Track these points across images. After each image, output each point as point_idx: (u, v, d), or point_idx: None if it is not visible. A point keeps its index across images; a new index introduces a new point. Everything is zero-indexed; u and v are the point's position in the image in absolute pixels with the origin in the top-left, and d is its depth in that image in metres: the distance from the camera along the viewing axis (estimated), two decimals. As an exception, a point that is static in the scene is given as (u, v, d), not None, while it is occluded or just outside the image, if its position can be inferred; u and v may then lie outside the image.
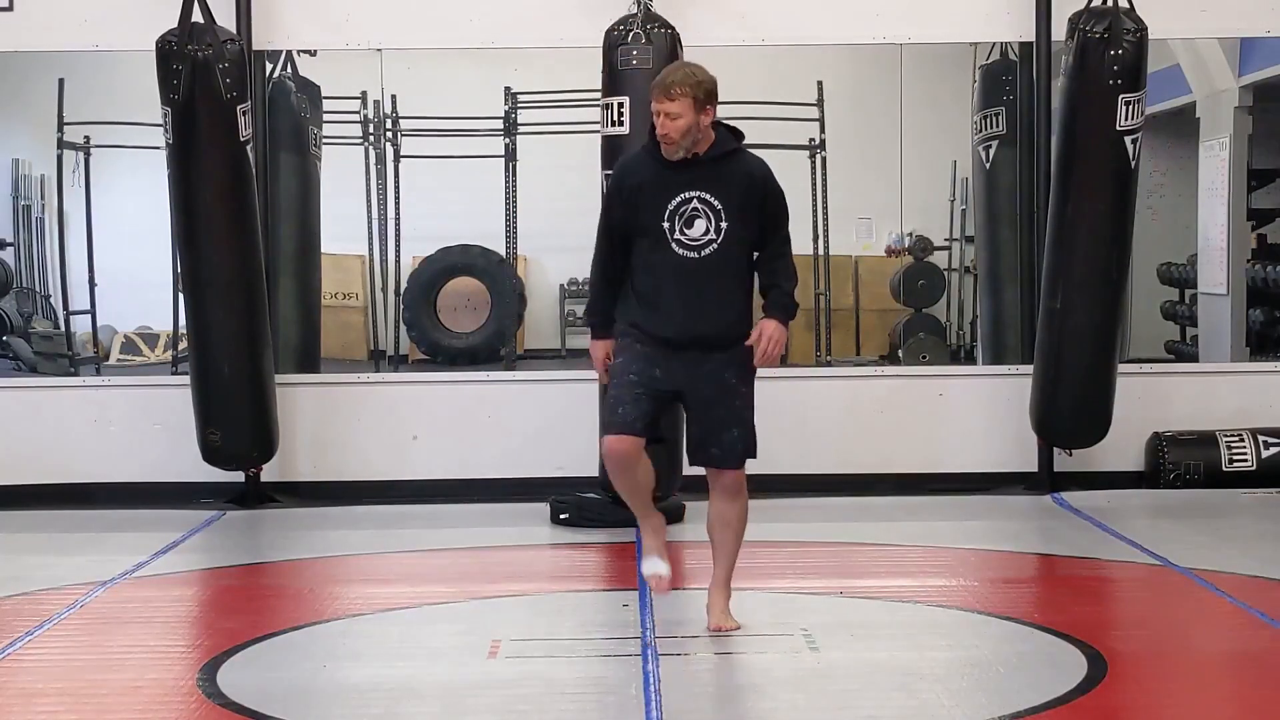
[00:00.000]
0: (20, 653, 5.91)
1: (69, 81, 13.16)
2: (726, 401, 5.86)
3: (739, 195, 5.79)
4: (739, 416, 5.90)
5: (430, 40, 9.46)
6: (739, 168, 5.86)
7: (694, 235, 5.76)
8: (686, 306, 5.77)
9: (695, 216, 5.76)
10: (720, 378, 5.85)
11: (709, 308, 5.79)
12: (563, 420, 9.15)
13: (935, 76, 12.92)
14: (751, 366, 5.92)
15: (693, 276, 5.77)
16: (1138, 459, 9.39)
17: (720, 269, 5.79)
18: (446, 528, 8.34)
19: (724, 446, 5.90)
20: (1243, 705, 5.40)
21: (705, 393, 5.85)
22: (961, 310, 14.54)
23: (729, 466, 5.94)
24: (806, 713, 5.13)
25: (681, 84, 5.70)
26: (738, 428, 5.90)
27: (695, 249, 5.77)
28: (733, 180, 5.80)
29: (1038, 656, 5.75)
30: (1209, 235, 12.29)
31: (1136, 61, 8.57)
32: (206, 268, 8.70)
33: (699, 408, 5.88)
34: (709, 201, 5.76)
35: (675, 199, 5.76)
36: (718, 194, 5.76)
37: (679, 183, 5.77)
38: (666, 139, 5.74)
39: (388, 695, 5.42)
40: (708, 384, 5.84)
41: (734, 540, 6.04)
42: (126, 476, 9.27)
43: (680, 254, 5.77)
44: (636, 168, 5.89)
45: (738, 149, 5.88)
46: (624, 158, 5.99)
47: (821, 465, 9.39)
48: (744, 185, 5.82)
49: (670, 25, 8.49)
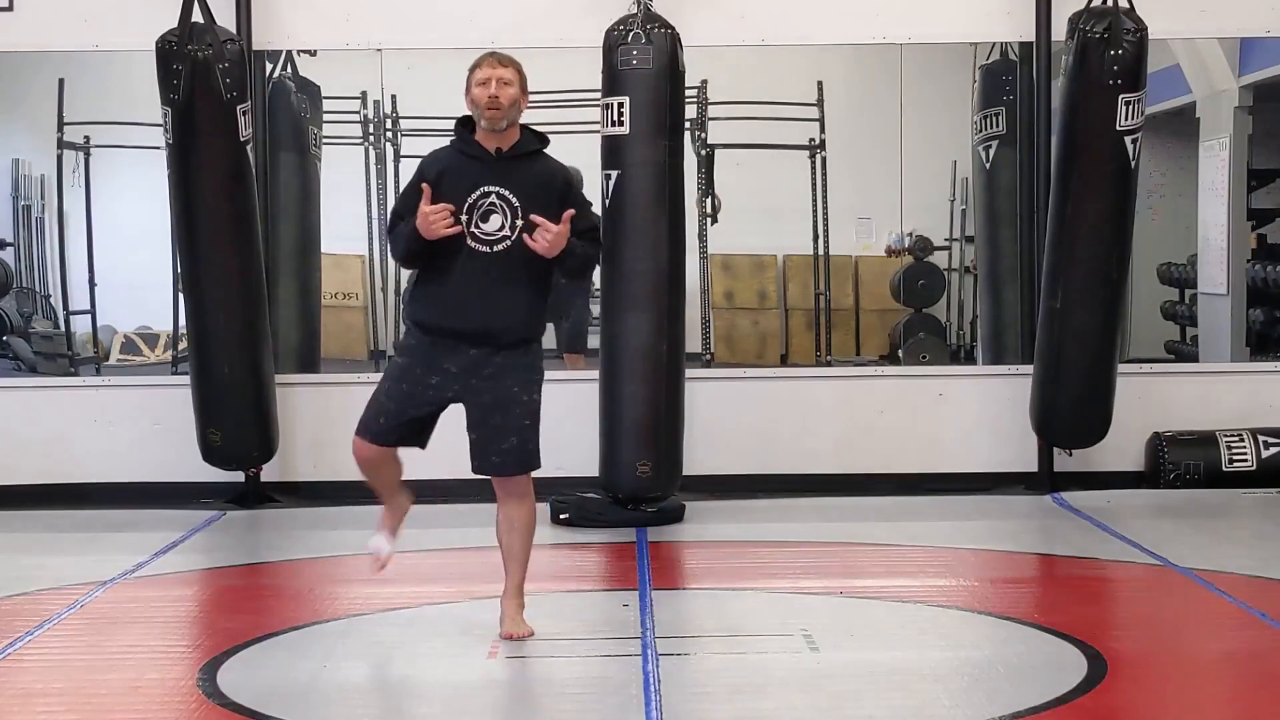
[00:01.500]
0: (20, 653, 5.92)
1: (69, 81, 13.15)
2: (506, 409, 5.83)
3: (538, 193, 5.79)
4: (518, 425, 5.85)
5: (430, 40, 9.46)
6: (542, 168, 5.87)
7: (489, 230, 5.76)
8: (477, 300, 5.75)
9: (492, 211, 5.75)
10: (502, 384, 5.82)
11: (499, 304, 5.77)
12: (563, 420, 9.11)
13: (935, 76, 12.91)
14: (537, 376, 5.91)
15: (485, 272, 5.75)
16: (1138, 459, 9.39)
17: (513, 266, 5.77)
18: (446, 528, 8.34)
19: (503, 454, 5.86)
20: (1243, 705, 5.40)
21: (485, 399, 5.82)
22: (961, 310, 14.52)
23: (509, 474, 5.89)
24: (806, 713, 5.13)
25: (510, 59, 5.82)
26: (516, 436, 5.85)
27: (489, 244, 5.76)
28: (533, 178, 5.81)
29: (1038, 656, 5.75)
30: (1209, 235, 12.28)
31: (1136, 61, 8.57)
32: (206, 268, 8.70)
33: (478, 414, 5.85)
34: (506, 197, 5.75)
35: (474, 193, 5.75)
36: (516, 191, 5.76)
37: (479, 177, 5.76)
38: (496, 104, 5.72)
39: (388, 695, 5.43)
40: (488, 390, 5.81)
41: (522, 544, 5.98)
42: (126, 476, 9.27)
43: (474, 248, 5.76)
44: (440, 159, 5.89)
45: (540, 150, 5.90)
46: (429, 154, 5.98)
47: (821, 465, 9.39)
48: (543, 183, 5.83)
49: (670, 25, 8.49)
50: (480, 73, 5.79)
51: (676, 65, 8.48)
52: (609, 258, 8.56)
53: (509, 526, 5.98)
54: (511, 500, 5.95)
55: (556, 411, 9.17)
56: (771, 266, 15.94)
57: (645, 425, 8.46)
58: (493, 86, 5.74)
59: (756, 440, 9.41)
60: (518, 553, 5.98)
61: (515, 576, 6.00)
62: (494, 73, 5.76)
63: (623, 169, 8.43)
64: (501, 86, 5.74)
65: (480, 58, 5.86)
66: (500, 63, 5.80)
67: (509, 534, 5.98)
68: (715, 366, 12.68)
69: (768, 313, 15.81)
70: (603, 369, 8.63)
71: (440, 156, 5.92)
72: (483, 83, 5.76)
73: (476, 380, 5.82)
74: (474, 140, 5.84)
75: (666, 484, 8.55)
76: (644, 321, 8.43)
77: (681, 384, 8.62)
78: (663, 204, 8.44)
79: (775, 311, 15.83)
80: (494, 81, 5.74)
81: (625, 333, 8.48)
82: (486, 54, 5.88)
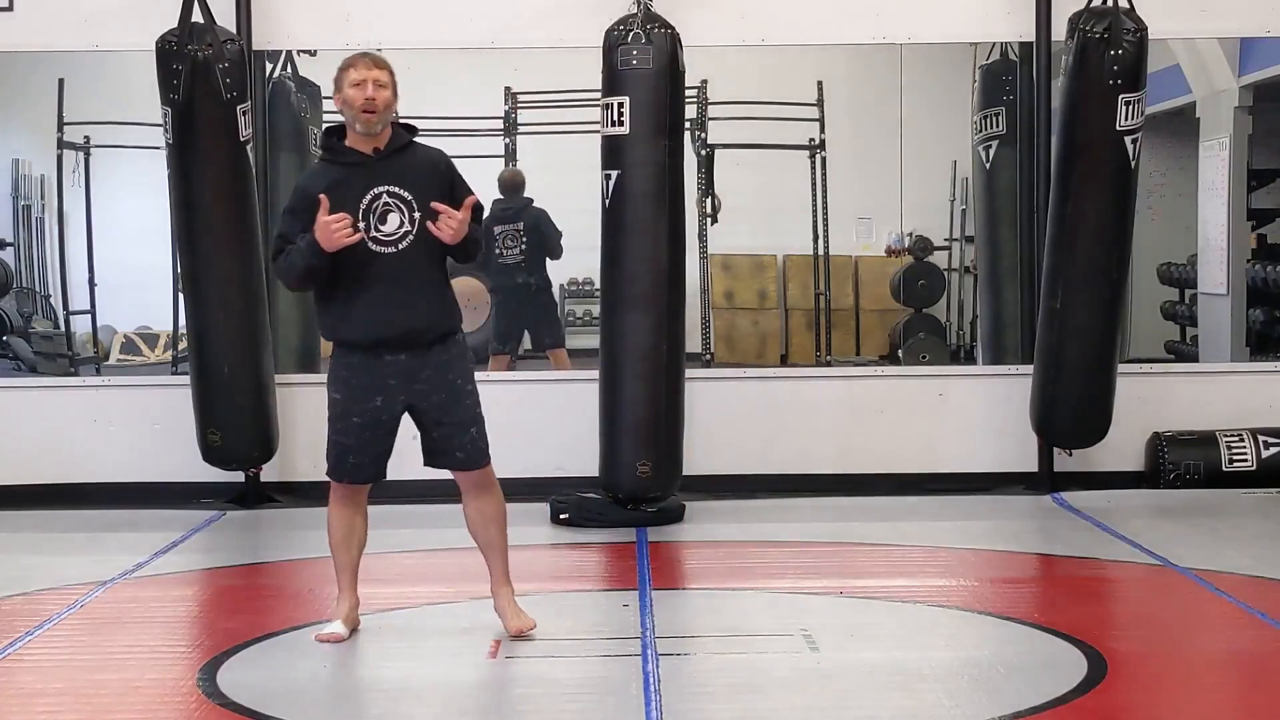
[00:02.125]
0: (20, 653, 5.91)
1: (69, 81, 13.16)
2: (458, 403, 5.84)
3: (426, 183, 5.77)
4: (472, 416, 5.87)
5: (430, 40, 9.45)
6: (420, 157, 5.85)
7: (389, 230, 5.73)
8: (392, 303, 5.72)
9: (388, 211, 5.72)
10: (445, 381, 5.82)
11: (415, 300, 5.75)
12: (563, 420, 9.16)
13: (935, 76, 12.94)
14: (470, 365, 5.93)
15: (394, 272, 5.72)
16: (1138, 459, 9.39)
17: (420, 260, 5.75)
18: (446, 528, 8.31)
19: (466, 449, 5.87)
20: (1243, 705, 5.40)
21: (433, 399, 5.82)
22: (961, 310, 14.55)
23: (478, 465, 5.91)
24: (806, 713, 5.13)
25: (381, 59, 5.75)
26: (474, 427, 5.87)
27: (393, 243, 5.73)
28: (417, 170, 5.79)
29: (1038, 656, 5.75)
30: (1209, 235, 12.29)
31: (1136, 61, 8.57)
32: (206, 268, 8.70)
33: (432, 414, 5.84)
34: (398, 194, 5.73)
35: (366, 196, 5.71)
36: (406, 185, 5.74)
37: (366, 180, 5.73)
38: (372, 107, 5.68)
39: (388, 695, 5.43)
40: (435, 391, 5.81)
41: (500, 534, 6.00)
42: (126, 476, 9.27)
43: (378, 250, 5.72)
44: (319, 176, 5.85)
45: (413, 141, 5.87)
46: (304, 173, 5.96)
47: (821, 465, 9.39)
48: (429, 172, 5.81)
49: (670, 25, 8.49)
50: (355, 73, 5.70)
51: (676, 65, 8.48)
52: (609, 257, 8.56)
53: (483, 520, 5.99)
54: (480, 492, 5.96)
55: (556, 411, 9.26)
56: (771, 266, 15.96)
57: (645, 425, 8.45)
58: (369, 89, 5.68)
59: (756, 440, 9.41)
60: (498, 543, 6.00)
61: (500, 566, 6.01)
62: (369, 74, 5.69)
63: (623, 169, 8.42)
64: (377, 89, 5.70)
65: (352, 57, 5.77)
66: (375, 64, 5.73)
67: (485, 527, 6.00)
68: (715, 366, 12.70)
69: (768, 313, 15.84)
70: (603, 369, 8.62)
71: (318, 172, 5.90)
72: (357, 84, 5.69)
73: (418, 384, 5.81)
74: (348, 148, 5.79)
75: (666, 484, 8.55)
76: (644, 321, 8.43)
77: (681, 384, 8.62)
78: (663, 204, 8.44)
79: (775, 311, 15.85)
80: (369, 83, 5.68)
81: (625, 333, 8.48)
82: (359, 54, 5.80)
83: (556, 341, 11.94)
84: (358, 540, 6.07)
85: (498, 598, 6.01)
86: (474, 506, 5.99)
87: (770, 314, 15.84)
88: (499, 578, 6.01)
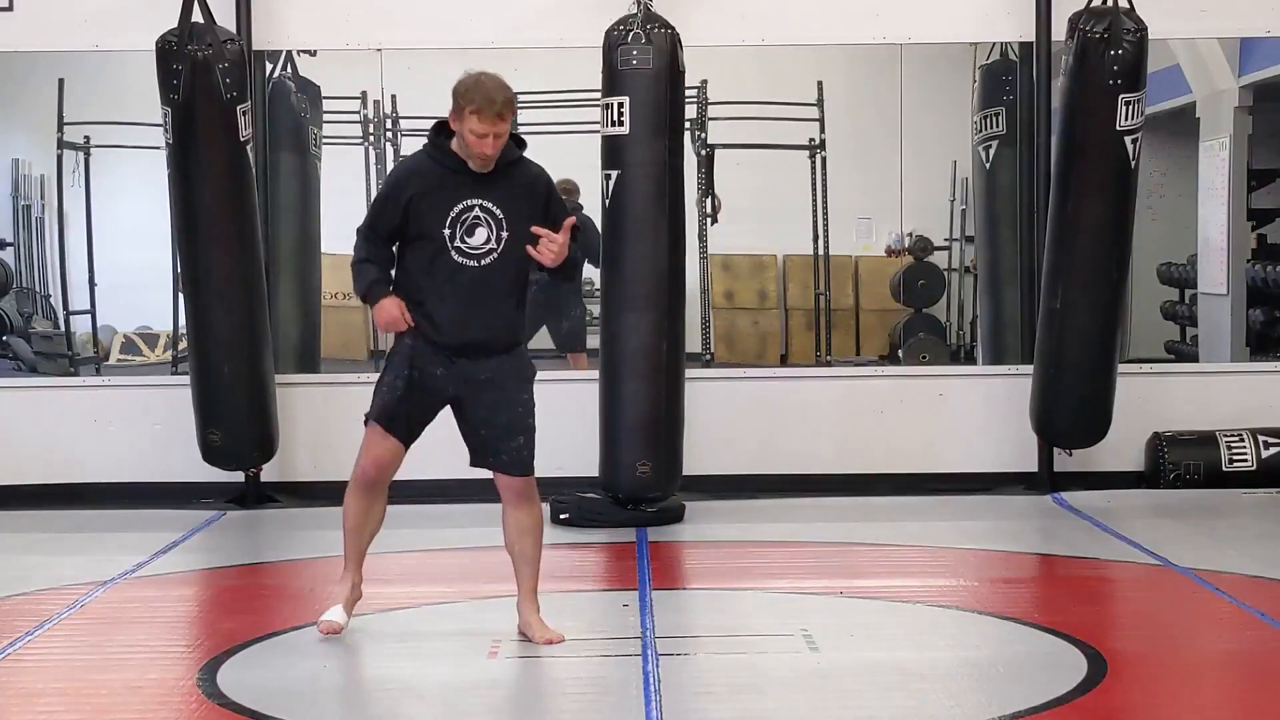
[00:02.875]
0: (20, 653, 5.92)
1: (69, 81, 13.15)
2: (509, 409, 5.85)
3: (522, 203, 5.78)
4: (523, 424, 5.88)
5: (430, 40, 9.45)
6: (522, 175, 5.85)
7: (475, 244, 5.75)
8: (461, 314, 5.76)
9: (476, 225, 5.74)
10: (500, 385, 5.84)
11: (487, 316, 5.78)
12: (563, 420, 9.13)
13: (935, 76, 12.92)
14: (530, 374, 5.94)
15: (470, 285, 5.75)
16: (1138, 459, 9.39)
17: (498, 278, 5.78)
18: (446, 528, 8.34)
19: (511, 454, 5.87)
20: (1243, 705, 5.40)
21: (485, 399, 5.84)
22: (961, 310, 14.53)
23: (518, 474, 5.90)
24: (806, 713, 5.13)
25: (508, 105, 5.70)
26: (522, 436, 5.88)
27: (475, 258, 5.76)
28: (516, 188, 5.80)
29: (1038, 656, 5.75)
30: (1209, 235, 12.28)
31: (1136, 61, 8.57)
32: (206, 268, 8.70)
33: (482, 413, 5.86)
34: (490, 210, 5.75)
35: (458, 206, 5.73)
36: (500, 202, 5.75)
37: (462, 190, 5.74)
38: (486, 158, 5.70)
39: (388, 695, 5.43)
40: (488, 391, 5.83)
41: (534, 547, 5.99)
42: (126, 476, 9.27)
43: (459, 262, 5.75)
44: (418, 173, 5.84)
45: (521, 157, 5.87)
46: (405, 162, 5.94)
47: (821, 465, 9.39)
48: (526, 193, 5.82)
49: (670, 25, 8.49)
50: (478, 124, 5.63)
51: (676, 65, 8.48)
52: (609, 258, 8.57)
53: (519, 531, 5.97)
54: (520, 503, 5.95)
55: (556, 411, 9.20)
56: (771, 266, 15.94)
57: (645, 425, 8.46)
58: (489, 144, 5.68)
59: (756, 440, 9.41)
60: (531, 555, 5.98)
61: (530, 580, 5.99)
62: (494, 128, 5.66)
63: (623, 169, 8.43)
64: (496, 141, 5.70)
65: (475, 98, 5.65)
66: (501, 117, 5.66)
67: (520, 538, 5.97)
68: (715, 366, 12.68)
69: (768, 313, 15.81)
70: (603, 369, 8.63)
71: (417, 168, 5.88)
72: (479, 135, 5.66)
73: (472, 382, 5.83)
74: (453, 153, 5.79)
75: (666, 484, 8.55)
76: (644, 321, 8.43)
77: (681, 384, 8.62)
78: (663, 204, 8.44)
79: (775, 311, 15.83)
80: (492, 138, 5.68)
81: (625, 333, 8.48)
82: (480, 94, 5.64)
83: (572, 345, 11.91)
84: (371, 528, 6.06)
85: (523, 613, 6.00)
86: (512, 518, 5.97)
87: (770, 314, 15.82)
88: (527, 593, 6.00)
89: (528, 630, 5.95)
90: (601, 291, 8.77)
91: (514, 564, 6.01)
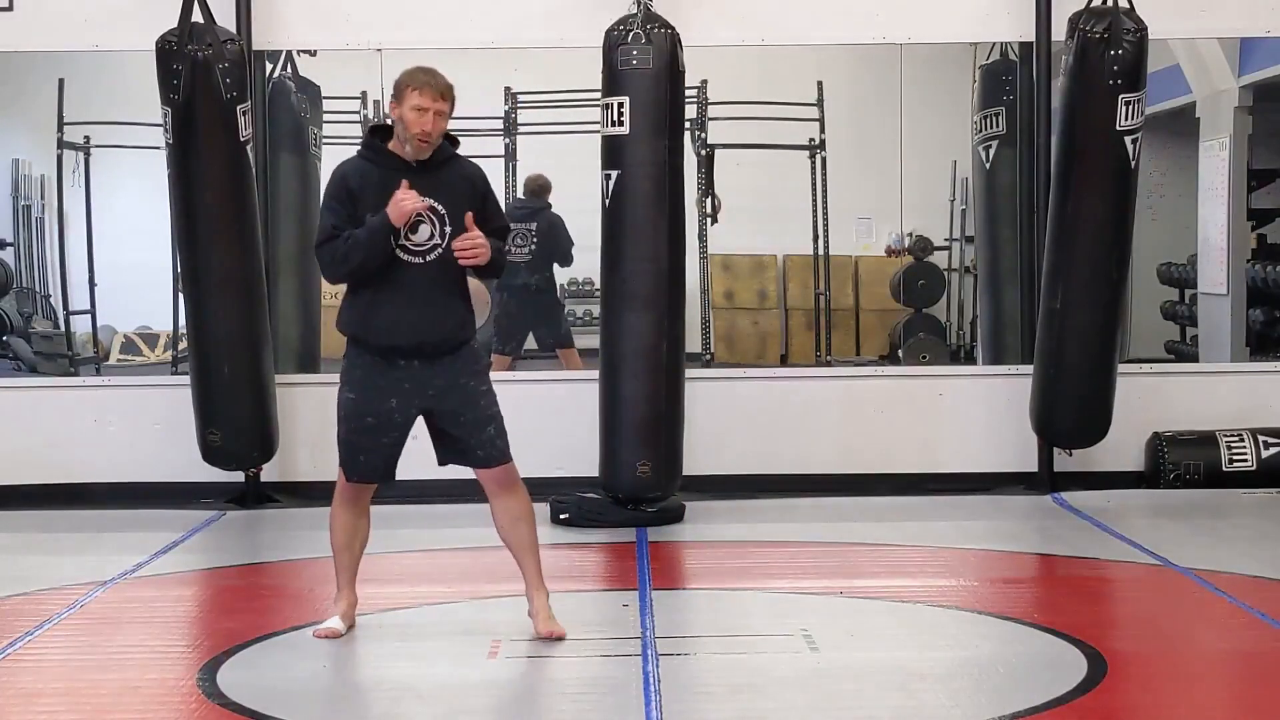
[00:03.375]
0: (20, 653, 5.92)
1: (69, 81, 13.15)
2: (474, 405, 5.87)
3: (461, 199, 5.81)
4: (489, 415, 5.91)
5: (430, 40, 9.44)
6: (459, 172, 5.89)
7: (419, 240, 5.77)
8: (412, 313, 5.77)
9: (420, 221, 5.75)
10: (457, 384, 5.85)
11: (434, 313, 5.80)
12: (563, 420, 9.16)
13: (935, 76, 12.92)
14: (483, 368, 5.97)
15: (418, 282, 5.77)
16: (1138, 459, 9.39)
17: (444, 274, 5.80)
18: (446, 528, 8.35)
19: (485, 446, 5.89)
20: (1243, 705, 5.41)
21: (448, 402, 5.85)
22: (961, 310, 14.53)
23: (497, 463, 5.91)
24: (806, 713, 5.13)
25: (449, 89, 5.77)
26: (491, 425, 5.91)
27: (420, 254, 5.77)
28: (455, 185, 5.83)
29: (1038, 656, 5.75)
30: (1209, 235, 12.29)
31: (1136, 61, 8.57)
32: (206, 268, 8.70)
33: (447, 418, 5.88)
34: (433, 206, 5.76)
35: None
36: (442, 198, 5.77)
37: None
38: (427, 137, 5.72)
39: (388, 695, 5.43)
40: (448, 394, 5.84)
41: (530, 532, 6.00)
42: (126, 476, 9.27)
43: (405, 259, 5.76)
44: (358, 173, 5.85)
45: (455, 155, 5.90)
46: (342, 165, 5.94)
47: (821, 465, 9.39)
48: (466, 188, 5.86)
49: (670, 25, 8.49)
50: (419, 98, 5.70)
51: (676, 65, 8.48)
52: (609, 258, 8.56)
53: (511, 520, 5.98)
54: (504, 492, 5.96)
55: (556, 411, 9.26)
56: (771, 266, 15.95)
57: (645, 425, 8.45)
58: (429, 120, 5.71)
59: (756, 440, 9.41)
60: (529, 542, 5.99)
61: (534, 567, 6.00)
62: (434, 105, 5.70)
63: (623, 169, 8.43)
64: (437, 119, 5.73)
65: (418, 77, 5.73)
66: (440, 95, 5.72)
67: (514, 526, 5.98)
68: (715, 366, 12.69)
69: (768, 313, 15.82)
70: (603, 369, 8.62)
71: (357, 168, 5.88)
72: (420, 109, 5.70)
73: (431, 390, 5.84)
74: (391, 153, 5.81)
75: (666, 484, 8.55)
76: (644, 321, 8.43)
77: (681, 384, 8.62)
78: (663, 204, 8.44)
79: (775, 311, 15.84)
80: (432, 114, 5.71)
81: (625, 332, 8.48)
82: (423, 74, 5.75)
83: (561, 341, 11.93)
84: (360, 542, 6.09)
85: (532, 601, 6.00)
86: (500, 507, 5.98)
87: (770, 314, 15.82)
88: (533, 580, 6.00)
89: (534, 618, 5.96)
90: (601, 291, 8.77)
91: (514, 555, 6.02)
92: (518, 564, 6.02)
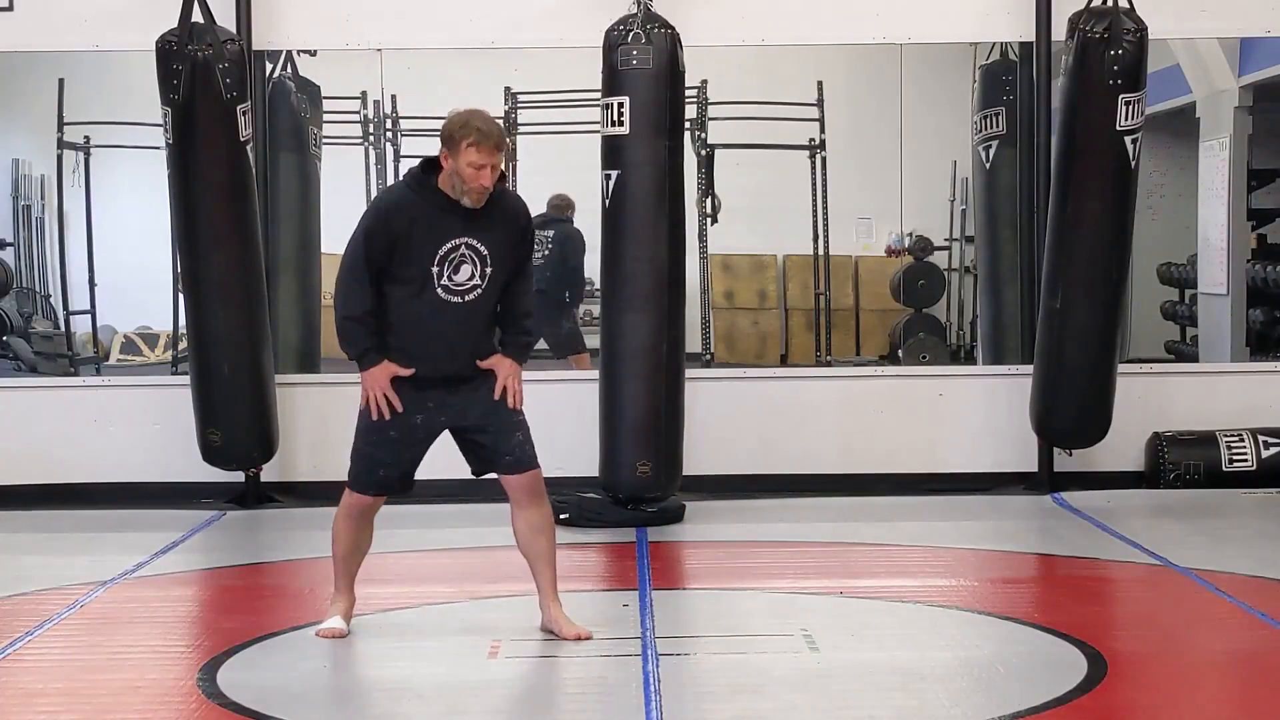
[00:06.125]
0: (20, 653, 5.91)
1: (69, 81, 13.15)
2: (496, 413, 5.87)
3: (505, 239, 5.82)
4: (516, 421, 5.90)
5: (430, 40, 9.45)
6: (505, 210, 5.87)
7: (460, 281, 5.76)
8: (444, 349, 5.79)
9: (463, 262, 5.75)
10: (479, 396, 5.86)
11: (465, 349, 5.82)
12: (563, 420, 9.14)
13: (935, 76, 12.92)
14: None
15: (454, 321, 5.78)
16: (1138, 459, 9.39)
17: (479, 313, 5.82)
18: (446, 528, 8.35)
19: (514, 452, 5.88)
20: (1243, 705, 5.40)
21: (473, 413, 5.86)
22: (961, 310, 14.53)
23: (528, 467, 5.90)
24: (806, 713, 5.13)
25: (503, 138, 5.75)
26: (519, 431, 5.90)
27: (460, 294, 5.77)
28: (500, 225, 5.82)
29: (1038, 656, 5.75)
30: (1209, 235, 12.29)
31: (1136, 61, 8.57)
32: (206, 268, 8.70)
33: (474, 426, 5.88)
34: (476, 248, 5.76)
35: (446, 245, 5.73)
36: (485, 240, 5.76)
37: (451, 228, 5.73)
38: (484, 190, 5.68)
39: (388, 695, 5.43)
40: (472, 406, 5.85)
41: (550, 545, 5.98)
42: (126, 476, 9.27)
43: (444, 299, 5.76)
44: (404, 209, 5.79)
45: (502, 189, 5.87)
46: (388, 196, 5.92)
47: (821, 465, 9.39)
48: (510, 228, 5.86)
49: (670, 25, 8.49)
50: (477, 155, 5.62)
51: (676, 65, 8.48)
52: (609, 258, 8.57)
53: (532, 532, 5.96)
54: (529, 501, 5.93)
55: (556, 411, 9.24)
56: (771, 266, 15.95)
57: (645, 425, 8.46)
58: (486, 175, 5.67)
59: (756, 440, 9.41)
60: (547, 555, 5.98)
61: (549, 578, 5.98)
62: (492, 160, 5.66)
63: (623, 169, 8.43)
64: (494, 173, 5.70)
65: (475, 134, 5.63)
66: (496, 148, 5.67)
67: (534, 539, 5.96)
68: (715, 366, 12.69)
69: (768, 313, 15.82)
70: (603, 369, 8.63)
71: (406, 204, 5.81)
72: (478, 166, 5.64)
73: (454, 405, 5.85)
74: (440, 191, 5.76)
75: (666, 484, 8.55)
76: (644, 321, 8.43)
77: (681, 384, 8.62)
78: (663, 204, 8.44)
79: (775, 311, 15.83)
80: (489, 170, 5.67)
81: (625, 333, 8.48)
82: (478, 127, 5.65)
83: (569, 348, 11.94)
84: (362, 552, 6.11)
85: (548, 611, 5.99)
86: (522, 517, 5.95)
87: (770, 314, 15.82)
88: (548, 591, 5.99)
89: (555, 627, 5.95)
90: (601, 291, 8.77)
91: (531, 565, 6.01)
92: (533, 574, 6.01)
